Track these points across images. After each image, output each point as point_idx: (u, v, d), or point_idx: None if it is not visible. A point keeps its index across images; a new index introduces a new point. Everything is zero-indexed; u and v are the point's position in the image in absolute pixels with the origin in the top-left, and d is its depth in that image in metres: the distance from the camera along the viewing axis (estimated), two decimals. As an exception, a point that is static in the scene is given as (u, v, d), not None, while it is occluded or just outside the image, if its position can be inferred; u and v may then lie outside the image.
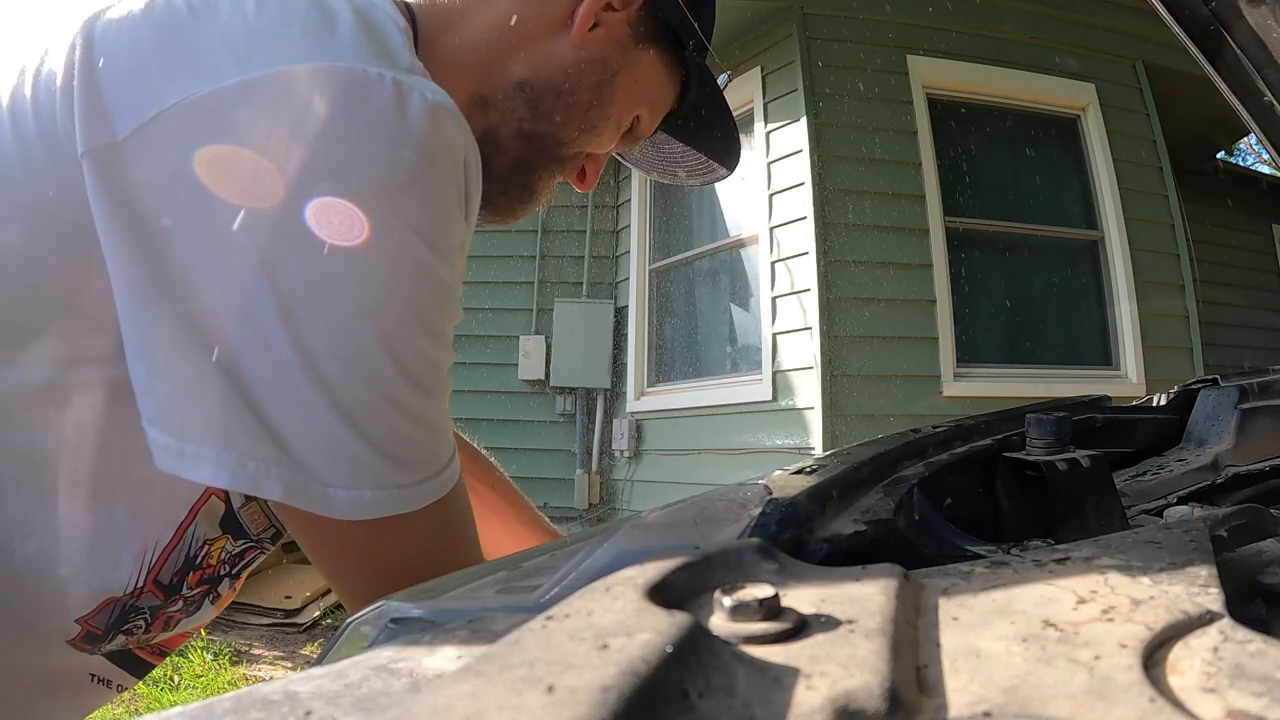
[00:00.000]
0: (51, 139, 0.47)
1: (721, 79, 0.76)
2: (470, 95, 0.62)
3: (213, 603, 0.64)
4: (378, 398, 0.49)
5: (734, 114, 0.78)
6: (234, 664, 3.46)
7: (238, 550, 0.62)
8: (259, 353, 0.47)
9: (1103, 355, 4.41)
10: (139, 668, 0.65)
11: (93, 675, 0.61)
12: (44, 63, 0.49)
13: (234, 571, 0.64)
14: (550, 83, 0.63)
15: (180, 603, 0.61)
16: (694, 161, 0.81)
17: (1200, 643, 0.21)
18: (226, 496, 0.57)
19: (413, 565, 0.52)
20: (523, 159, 0.66)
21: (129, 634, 0.59)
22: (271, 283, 0.46)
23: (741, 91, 4.58)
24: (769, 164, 4.36)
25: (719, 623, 0.23)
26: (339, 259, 0.46)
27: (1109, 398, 0.90)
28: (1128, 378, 4.27)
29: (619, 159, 0.80)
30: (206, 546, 0.59)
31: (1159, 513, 0.62)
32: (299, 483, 0.48)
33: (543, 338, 5.27)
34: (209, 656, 3.45)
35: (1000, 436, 0.68)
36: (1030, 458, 0.59)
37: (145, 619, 0.59)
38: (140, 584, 0.57)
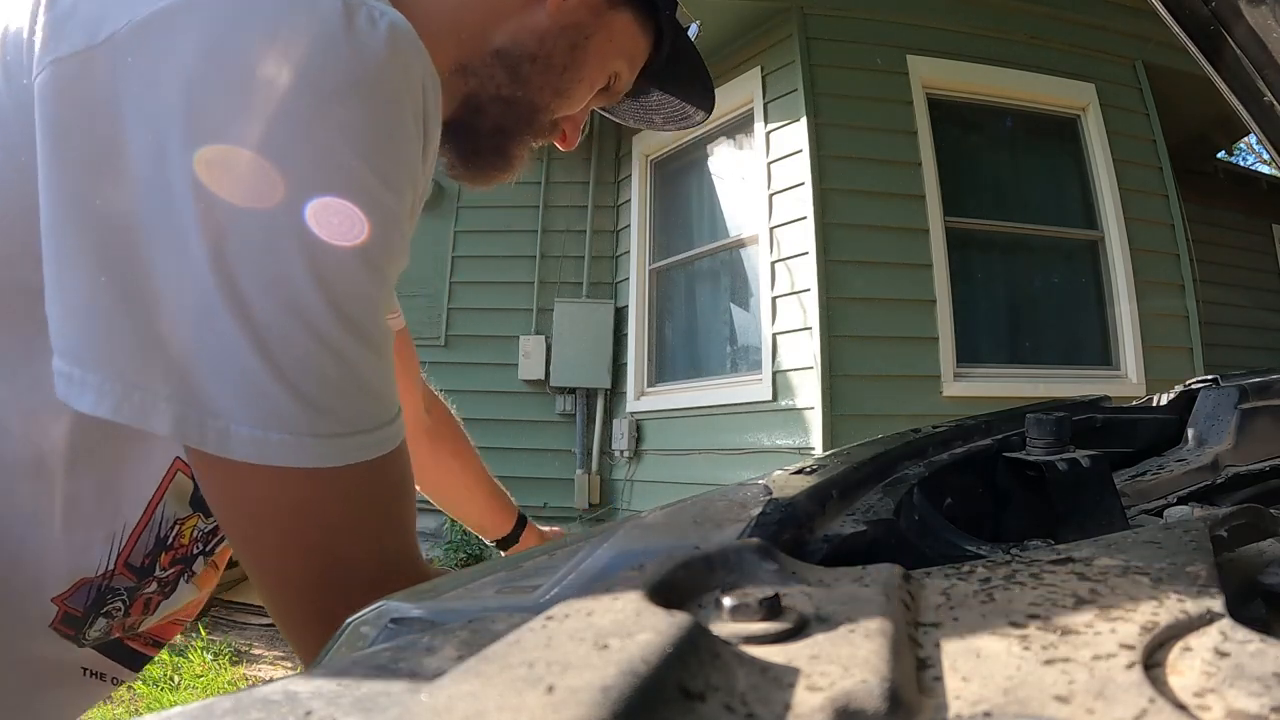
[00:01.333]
0: (15, 71, 0.46)
1: (692, 29, 0.78)
2: (451, 63, 0.63)
3: (189, 582, 0.63)
4: (299, 327, 0.44)
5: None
6: (234, 664, 3.46)
7: (209, 528, 0.61)
8: (173, 261, 0.43)
9: (1103, 355, 4.41)
10: (134, 660, 0.64)
11: (85, 669, 0.60)
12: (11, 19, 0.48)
13: (207, 550, 0.63)
14: (527, 49, 0.64)
15: (155, 584, 0.59)
16: (670, 109, 0.83)
17: (1200, 643, 0.21)
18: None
19: (323, 534, 0.47)
20: (501, 125, 0.67)
21: (109, 616, 0.58)
22: (196, 187, 0.42)
23: (741, 91, 4.58)
24: (769, 164, 4.36)
25: (719, 623, 0.23)
26: (268, 167, 0.42)
27: (1109, 398, 0.90)
28: (1128, 378, 4.27)
29: (601, 113, 0.82)
30: (177, 526, 0.58)
31: (1159, 513, 0.62)
32: (193, 417, 0.43)
33: (543, 338, 5.27)
34: (209, 656, 3.45)
35: (1000, 436, 0.68)
36: (1030, 458, 0.59)
37: (123, 601, 0.58)
38: (111, 566, 0.55)
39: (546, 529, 1.18)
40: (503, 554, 1.17)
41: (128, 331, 0.43)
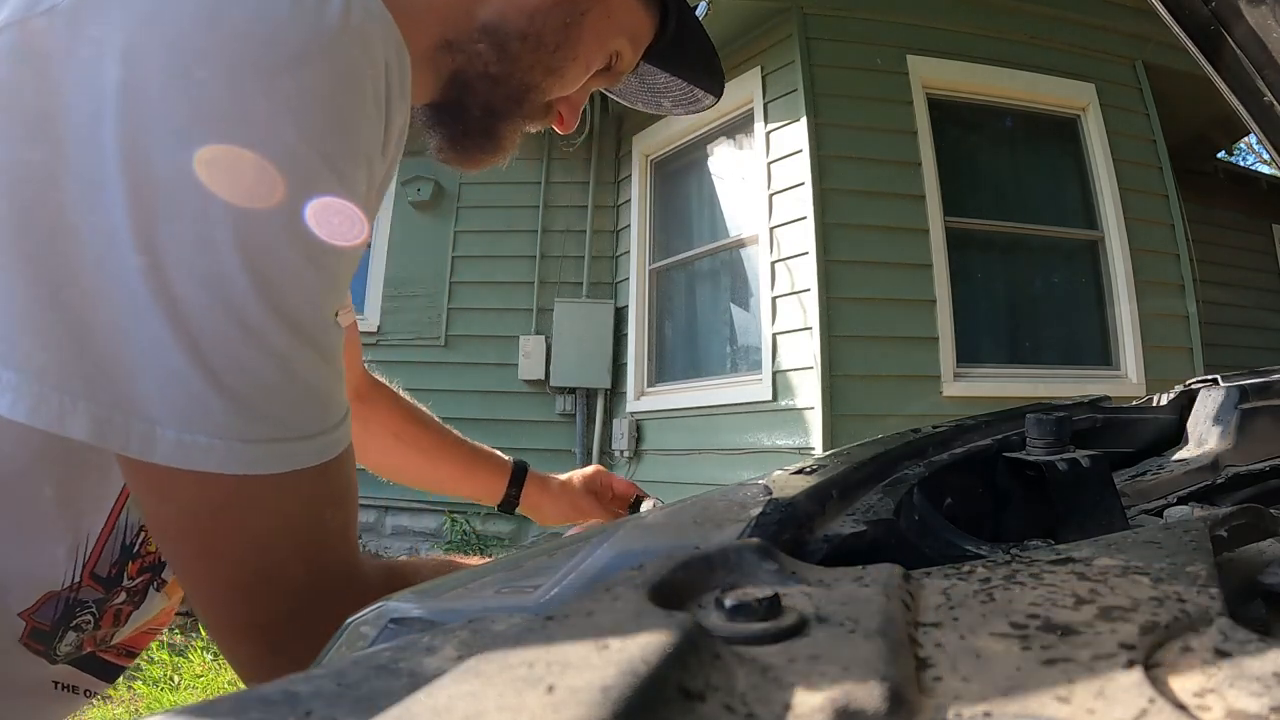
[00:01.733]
0: None
1: (700, 8, 0.76)
2: (436, 39, 0.60)
3: (159, 590, 0.60)
4: (232, 325, 0.41)
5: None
6: (234, 664, 3.45)
7: None
8: (100, 247, 0.39)
9: (1103, 355, 4.41)
10: (106, 671, 0.61)
11: (56, 683, 0.57)
12: None
13: None
14: (516, 26, 0.61)
15: (124, 594, 0.57)
16: (678, 92, 0.80)
17: (1200, 643, 0.21)
18: None
19: (251, 544, 0.44)
20: (490, 104, 0.64)
21: (79, 630, 0.56)
22: (127, 166, 0.39)
23: (741, 91, 4.58)
24: (769, 164, 4.36)
25: (719, 623, 0.23)
26: (203, 148, 0.39)
27: (1109, 398, 0.90)
28: (1128, 378, 4.27)
29: (607, 93, 0.79)
30: (143, 533, 0.56)
31: (1159, 513, 0.62)
32: (116, 420, 0.40)
33: (543, 338, 5.27)
34: (209, 656, 3.44)
35: (1000, 436, 0.68)
36: (1030, 458, 0.59)
37: (93, 614, 0.56)
38: (77, 578, 0.53)
39: (566, 476, 1.10)
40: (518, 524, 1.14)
41: (49, 325, 0.40)
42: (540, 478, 1.08)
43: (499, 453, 1.08)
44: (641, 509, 1.10)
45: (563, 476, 1.10)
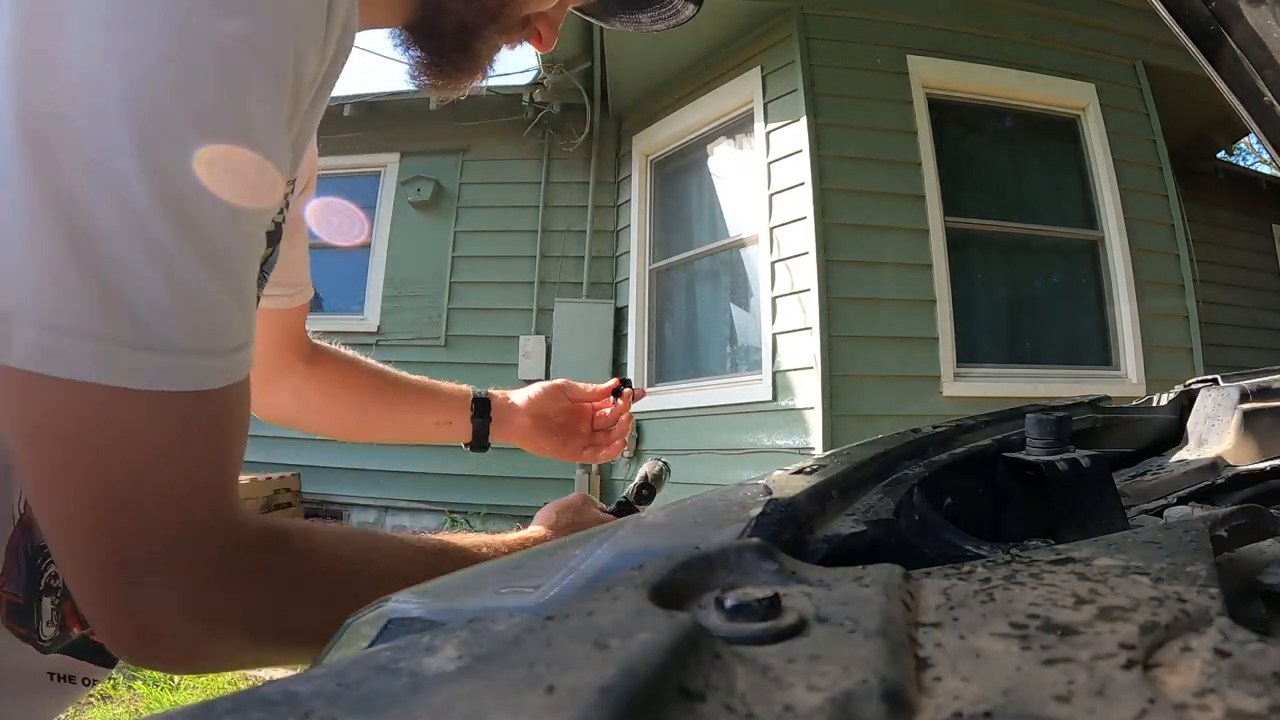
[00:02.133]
0: None
1: None
2: None
3: None
4: (114, 210, 0.36)
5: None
6: (234, 664, 3.45)
7: None
8: None
9: (1103, 355, 4.41)
10: (105, 655, 0.57)
11: (52, 674, 0.53)
12: None
13: None
14: None
15: None
16: (658, 8, 0.78)
17: (1200, 643, 0.21)
18: None
19: (116, 471, 0.39)
20: (464, 20, 0.62)
21: (52, 593, 0.51)
22: (19, 17, 0.35)
23: (741, 91, 4.59)
24: (769, 164, 4.36)
25: (719, 623, 0.23)
26: (102, 10, 0.35)
27: (1109, 398, 0.90)
28: (1128, 378, 4.27)
29: (578, 14, 0.77)
30: None
31: (1159, 513, 0.62)
32: None
33: (543, 338, 5.27)
34: (209, 656, 3.44)
35: (1000, 436, 0.68)
36: (1030, 458, 0.59)
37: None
38: (19, 513, 0.48)
39: (527, 391, 1.02)
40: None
41: None
42: (503, 396, 1.02)
43: (464, 386, 1.02)
44: (624, 393, 1.06)
45: (526, 390, 1.03)
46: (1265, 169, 7.64)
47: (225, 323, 0.42)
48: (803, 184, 4.13)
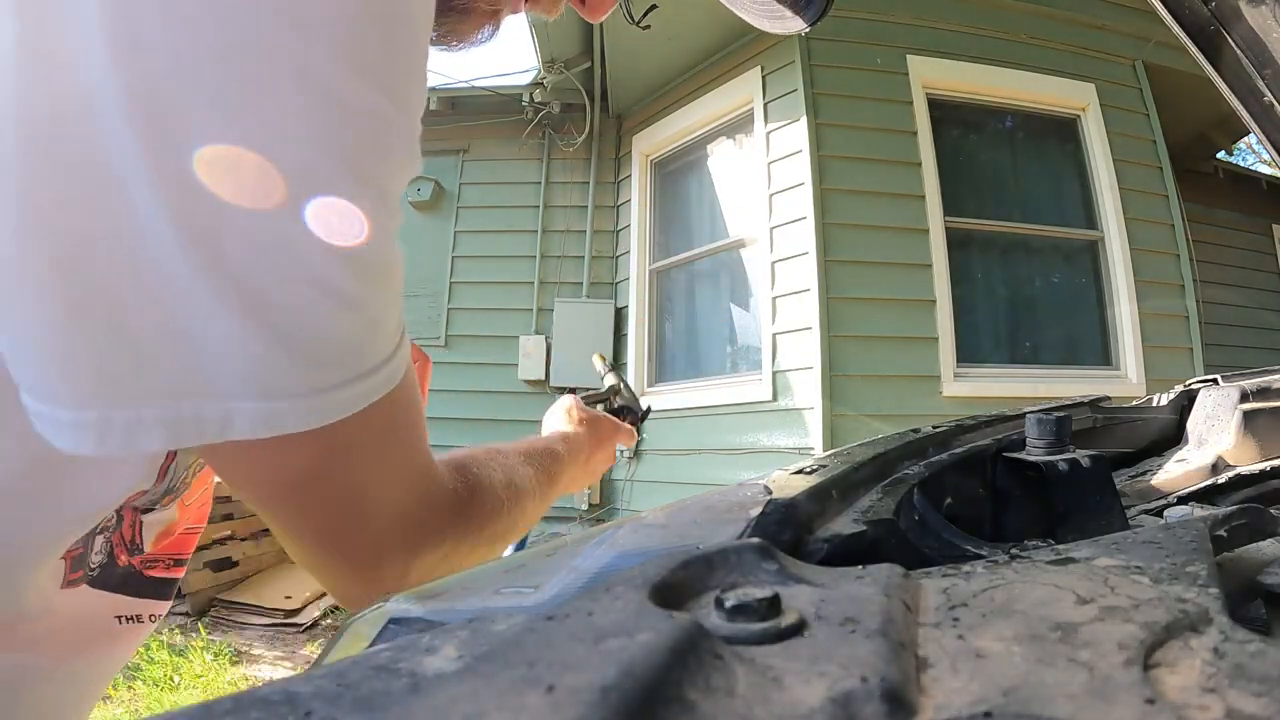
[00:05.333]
0: None
1: None
2: None
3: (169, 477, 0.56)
4: (286, 272, 0.37)
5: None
6: (234, 664, 3.46)
7: None
8: (117, 226, 0.34)
9: (1103, 355, 4.42)
10: (160, 588, 0.60)
11: (119, 617, 0.56)
12: None
13: None
14: None
15: None
16: (761, 5, 0.73)
17: (1200, 643, 0.21)
18: None
19: (349, 490, 0.45)
20: None
21: (104, 531, 0.54)
22: (140, 128, 0.33)
23: (741, 91, 4.59)
24: (769, 164, 4.36)
25: (719, 623, 0.23)
26: (230, 95, 0.34)
27: (1109, 398, 0.90)
28: (1128, 378, 4.27)
29: None
30: None
31: (1159, 513, 0.62)
32: (186, 416, 0.36)
33: (543, 338, 5.27)
34: (209, 656, 3.45)
35: (1000, 436, 0.68)
36: (1030, 458, 0.59)
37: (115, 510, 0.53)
38: None
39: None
40: None
41: (86, 343, 0.36)
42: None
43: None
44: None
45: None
46: (1265, 169, 7.64)
47: (393, 323, 0.44)
48: (803, 184, 4.14)
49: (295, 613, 3.92)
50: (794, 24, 0.73)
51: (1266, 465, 0.73)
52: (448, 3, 0.57)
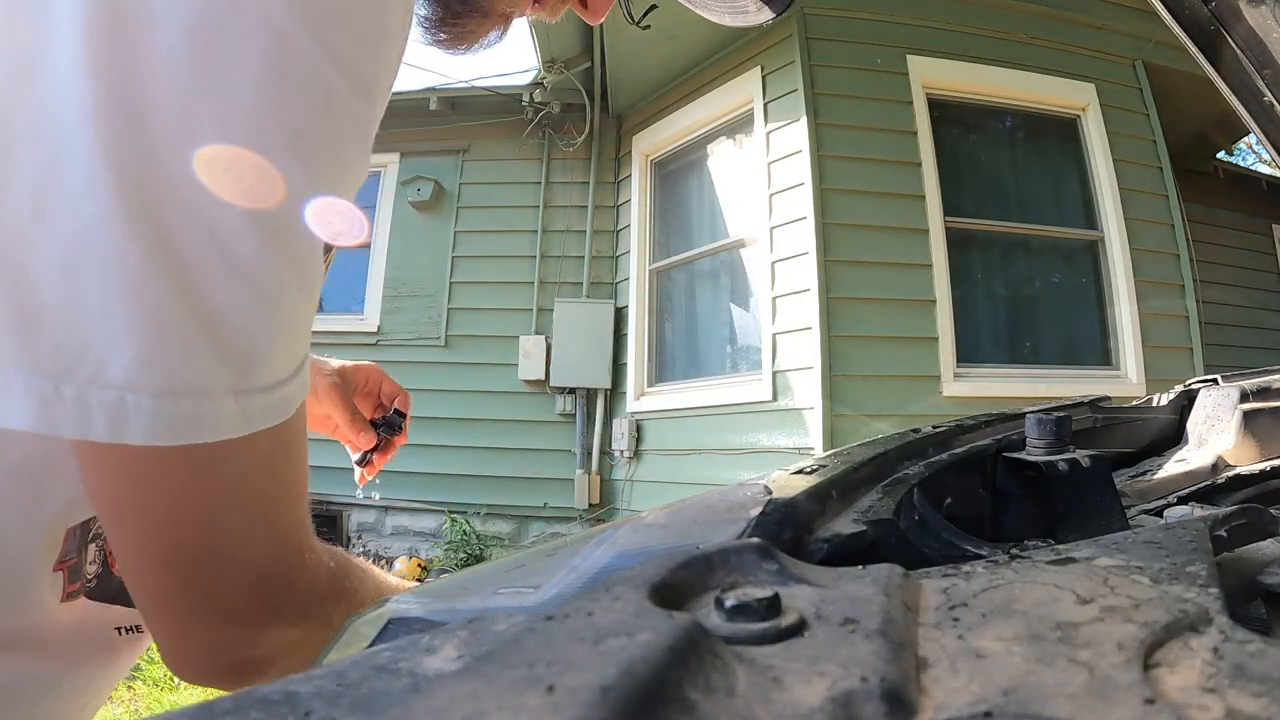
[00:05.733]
0: None
1: None
2: None
3: None
4: (209, 245, 0.33)
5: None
6: (234, 664, 3.45)
7: None
8: (53, 164, 0.31)
9: (1103, 355, 4.42)
10: None
11: (119, 629, 0.53)
12: None
13: None
14: None
15: None
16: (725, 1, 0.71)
17: (1200, 643, 0.21)
18: None
19: (215, 513, 0.38)
20: None
21: (97, 538, 0.51)
22: (96, 63, 0.31)
23: (741, 91, 4.59)
24: (769, 164, 4.36)
25: (719, 623, 0.23)
26: (186, 41, 0.32)
27: (1109, 398, 0.90)
28: (1128, 378, 4.27)
29: None
30: None
31: (1159, 513, 0.62)
32: (68, 397, 0.32)
33: (543, 338, 5.27)
34: (209, 656, 3.44)
35: (1000, 436, 0.68)
36: (1030, 458, 0.59)
37: None
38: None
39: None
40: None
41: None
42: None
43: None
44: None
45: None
46: (1265, 169, 7.64)
47: (304, 341, 0.40)
48: (803, 184, 4.14)
49: (295, 613, 3.92)
50: (758, 16, 0.69)
51: (1266, 465, 0.73)
52: (471, 6, 0.56)
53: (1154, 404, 0.91)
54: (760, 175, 4.41)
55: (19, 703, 0.47)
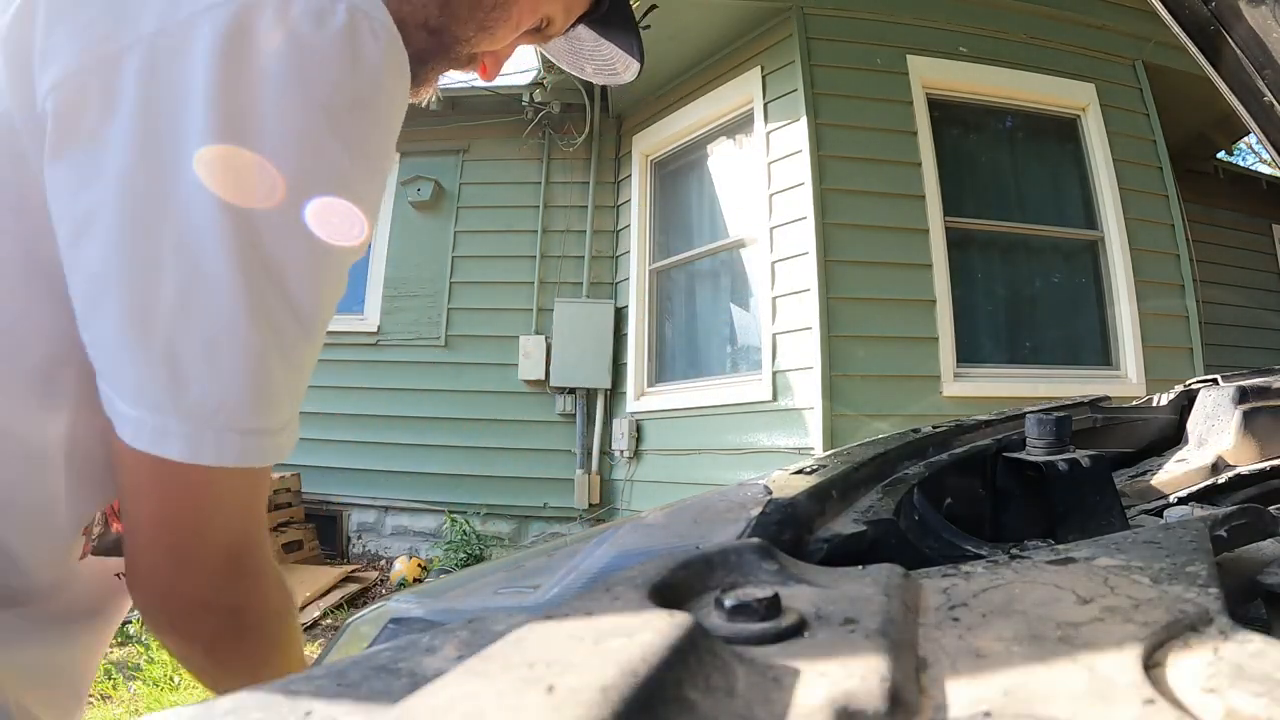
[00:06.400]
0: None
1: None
2: None
3: None
4: (286, 350, 0.48)
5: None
6: (234, 664, 3.45)
7: None
8: (195, 274, 0.46)
9: (1103, 355, 4.41)
10: None
11: (119, 574, 0.61)
12: None
13: None
14: None
15: None
16: (601, 61, 0.84)
17: (1200, 643, 0.21)
18: None
19: (225, 526, 0.51)
20: (420, 52, 0.66)
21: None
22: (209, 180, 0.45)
23: (741, 91, 4.59)
24: (769, 164, 4.36)
25: (719, 623, 0.23)
26: (274, 171, 0.46)
27: (1109, 398, 0.90)
28: (1128, 378, 4.27)
29: (538, 49, 0.82)
30: None
31: (1159, 513, 0.62)
32: (208, 440, 0.47)
33: (543, 338, 5.27)
34: (209, 656, 3.44)
35: (1000, 436, 0.68)
36: (1030, 458, 0.59)
37: None
38: None
39: None
40: None
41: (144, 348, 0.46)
42: None
43: None
44: None
45: None
46: (1265, 169, 7.64)
47: (299, 400, 0.52)
48: (803, 184, 4.13)
49: (295, 613, 3.92)
50: (627, 75, 0.83)
51: (1266, 465, 0.73)
52: (421, 80, 0.68)
53: (1154, 404, 0.91)
54: (760, 175, 4.41)
55: (54, 653, 0.57)
